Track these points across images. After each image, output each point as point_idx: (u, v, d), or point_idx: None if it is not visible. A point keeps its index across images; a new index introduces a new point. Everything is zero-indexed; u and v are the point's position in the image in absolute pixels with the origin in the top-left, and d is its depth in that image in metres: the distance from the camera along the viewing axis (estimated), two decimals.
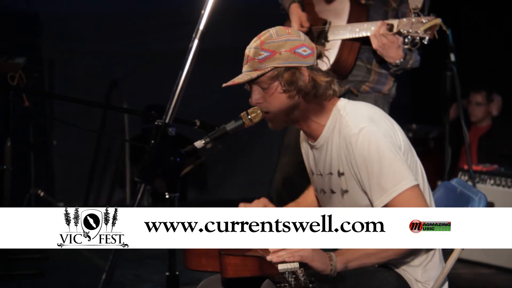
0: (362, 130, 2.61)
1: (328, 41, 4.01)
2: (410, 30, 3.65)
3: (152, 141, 2.44)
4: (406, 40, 3.68)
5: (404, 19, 3.70)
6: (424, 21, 3.63)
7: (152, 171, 2.46)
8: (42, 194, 5.87)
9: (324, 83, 2.67)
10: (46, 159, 7.05)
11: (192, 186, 7.83)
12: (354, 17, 3.99)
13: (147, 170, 2.46)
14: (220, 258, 2.56)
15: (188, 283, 3.82)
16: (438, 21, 3.65)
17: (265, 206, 2.87)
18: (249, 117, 2.71)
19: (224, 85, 2.71)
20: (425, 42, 3.66)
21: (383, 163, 2.58)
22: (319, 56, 2.71)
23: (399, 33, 3.70)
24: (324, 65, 2.76)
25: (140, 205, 2.55)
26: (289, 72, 2.63)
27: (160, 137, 2.44)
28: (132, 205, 2.55)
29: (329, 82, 2.69)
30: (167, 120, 2.46)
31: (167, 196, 2.55)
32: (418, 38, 3.65)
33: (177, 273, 2.59)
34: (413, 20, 3.65)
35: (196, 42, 2.44)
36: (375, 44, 3.78)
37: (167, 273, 2.59)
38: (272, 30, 2.69)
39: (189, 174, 7.04)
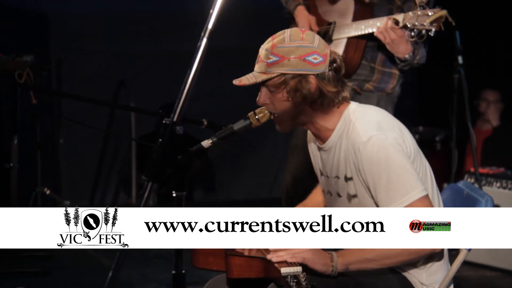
0: (371, 139, 2.58)
1: (332, 41, 4.00)
2: (416, 23, 3.64)
3: (160, 140, 2.45)
4: (413, 33, 3.67)
5: (410, 13, 3.69)
6: (429, 13, 3.62)
7: (159, 170, 2.47)
8: (48, 192, 5.88)
9: (331, 94, 2.65)
10: (53, 157, 7.05)
11: (199, 186, 7.83)
12: (359, 16, 3.98)
13: (154, 169, 2.47)
14: (225, 258, 2.56)
15: (194, 282, 3.82)
16: (444, 12, 3.64)
17: None
18: (257, 117, 2.71)
19: (233, 81, 2.70)
20: (431, 34, 3.65)
21: (392, 173, 2.55)
22: (333, 62, 2.66)
23: (405, 26, 3.69)
24: None
25: (146, 204, 2.55)
26: (295, 80, 2.60)
27: (168, 136, 2.44)
28: (138, 204, 2.56)
29: (337, 92, 2.66)
30: (174, 119, 2.46)
31: (174, 195, 2.55)
32: (424, 30, 3.64)
33: (183, 272, 2.59)
34: (419, 13, 3.64)
35: (204, 41, 2.44)
36: (383, 40, 3.77)
37: (173, 272, 2.60)
38: (287, 33, 2.65)
39: (197, 174, 7.03)
